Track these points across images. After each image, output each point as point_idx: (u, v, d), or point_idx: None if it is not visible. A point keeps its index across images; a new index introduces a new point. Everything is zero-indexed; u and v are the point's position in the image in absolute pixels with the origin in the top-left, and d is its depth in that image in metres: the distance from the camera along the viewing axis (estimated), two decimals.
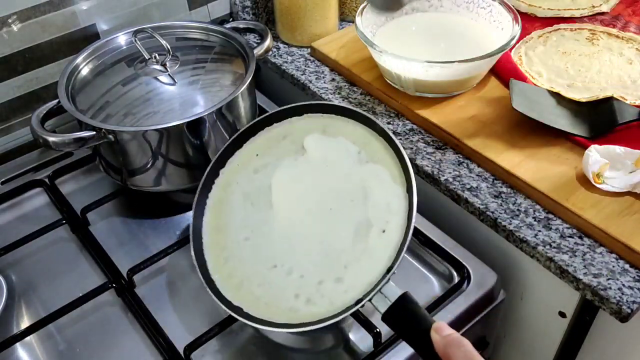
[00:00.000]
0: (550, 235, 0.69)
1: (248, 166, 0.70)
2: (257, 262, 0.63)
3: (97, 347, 0.66)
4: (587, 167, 0.71)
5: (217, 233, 0.65)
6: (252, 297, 0.61)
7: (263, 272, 0.62)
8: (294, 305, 0.60)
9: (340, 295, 0.59)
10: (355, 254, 0.61)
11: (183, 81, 0.80)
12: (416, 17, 0.96)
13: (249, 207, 0.67)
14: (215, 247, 0.64)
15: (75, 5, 0.88)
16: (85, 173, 0.88)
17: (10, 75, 0.87)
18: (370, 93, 0.92)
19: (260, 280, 0.62)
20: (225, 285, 0.61)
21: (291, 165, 0.69)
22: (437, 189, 0.79)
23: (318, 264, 0.62)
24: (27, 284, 0.73)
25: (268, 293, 0.61)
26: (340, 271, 0.61)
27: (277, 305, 0.60)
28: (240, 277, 0.62)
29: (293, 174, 0.69)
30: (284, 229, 0.65)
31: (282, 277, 0.62)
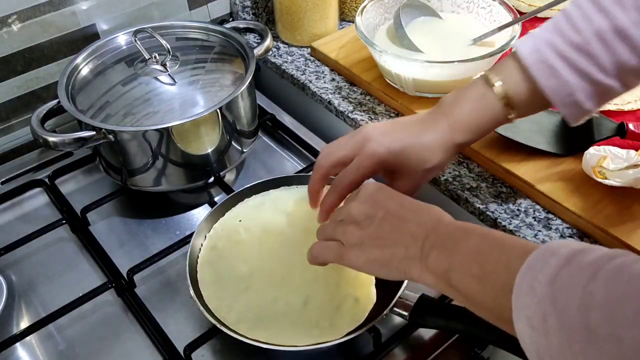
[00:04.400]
0: (550, 235, 0.69)
1: (232, 230, 0.71)
2: (263, 303, 0.63)
3: (97, 347, 0.66)
4: (587, 165, 0.71)
5: (214, 286, 0.65)
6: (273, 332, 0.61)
7: (274, 310, 0.63)
8: (317, 329, 0.61)
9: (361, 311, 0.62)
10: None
11: (183, 81, 0.80)
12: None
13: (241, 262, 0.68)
14: (216, 299, 0.64)
15: (75, 5, 0.88)
16: (85, 173, 0.88)
17: (10, 75, 0.87)
18: (370, 93, 0.92)
19: (273, 317, 0.62)
20: (240, 328, 0.61)
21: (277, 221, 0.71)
22: (437, 189, 0.79)
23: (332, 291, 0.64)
24: (27, 284, 0.73)
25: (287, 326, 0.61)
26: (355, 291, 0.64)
27: (301, 332, 0.61)
28: (252, 319, 0.62)
29: (280, 227, 0.71)
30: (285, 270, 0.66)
31: (297, 310, 0.63)
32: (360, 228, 0.53)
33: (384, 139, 0.58)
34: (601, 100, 0.57)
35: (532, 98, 0.57)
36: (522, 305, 0.39)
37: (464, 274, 0.46)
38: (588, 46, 0.54)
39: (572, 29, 0.55)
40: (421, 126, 0.60)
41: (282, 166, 0.89)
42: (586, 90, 0.55)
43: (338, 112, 0.91)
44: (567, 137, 0.77)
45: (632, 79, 0.56)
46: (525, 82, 0.56)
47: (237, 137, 0.81)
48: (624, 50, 0.54)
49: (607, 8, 0.54)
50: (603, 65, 0.54)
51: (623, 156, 0.70)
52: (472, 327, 0.58)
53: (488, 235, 0.47)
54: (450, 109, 0.59)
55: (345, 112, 0.89)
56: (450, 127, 0.59)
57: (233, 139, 0.81)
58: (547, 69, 0.55)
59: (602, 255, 0.37)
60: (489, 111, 0.58)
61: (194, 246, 0.69)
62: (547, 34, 0.56)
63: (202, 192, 0.85)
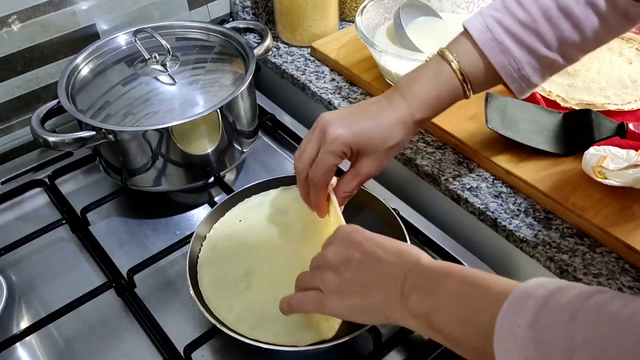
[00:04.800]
0: (550, 235, 0.69)
1: (232, 230, 0.72)
2: (263, 303, 0.63)
3: (97, 347, 0.66)
4: (587, 165, 0.71)
5: (214, 286, 0.65)
6: (273, 331, 0.61)
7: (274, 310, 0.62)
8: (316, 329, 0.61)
9: None
10: None
11: (183, 81, 0.80)
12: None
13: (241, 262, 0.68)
14: (216, 299, 0.64)
15: (75, 5, 0.88)
16: (85, 173, 0.88)
17: (10, 75, 0.87)
18: (370, 93, 0.92)
19: (273, 317, 0.62)
20: (240, 328, 0.61)
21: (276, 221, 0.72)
22: (437, 189, 0.79)
23: None
24: (27, 284, 0.73)
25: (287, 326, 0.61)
26: None
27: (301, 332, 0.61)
28: (252, 319, 0.62)
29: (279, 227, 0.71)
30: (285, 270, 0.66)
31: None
32: (337, 274, 0.52)
33: (344, 122, 0.60)
34: (545, 73, 0.61)
35: (484, 73, 0.60)
36: (504, 350, 0.38)
37: (446, 316, 0.45)
38: (535, 24, 0.58)
39: (520, 7, 0.58)
40: (379, 107, 0.61)
41: (282, 166, 0.89)
42: (532, 64, 0.59)
43: None
44: (567, 137, 0.77)
45: (573, 52, 0.60)
46: (479, 58, 0.60)
47: (237, 137, 0.81)
48: (567, 27, 0.58)
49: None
50: (548, 42, 0.58)
51: (623, 156, 0.70)
52: None
53: (468, 275, 0.46)
54: (407, 88, 0.61)
55: None
56: (408, 104, 0.60)
57: (233, 139, 0.81)
58: (497, 46, 0.58)
59: (578, 294, 0.37)
60: (446, 87, 0.60)
61: (194, 246, 0.69)
62: (495, 13, 0.59)
63: (202, 192, 0.85)
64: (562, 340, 0.35)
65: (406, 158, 0.81)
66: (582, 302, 0.36)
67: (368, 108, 0.62)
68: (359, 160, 0.62)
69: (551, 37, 0.58)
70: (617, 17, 0.58)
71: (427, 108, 0.61)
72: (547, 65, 0.60)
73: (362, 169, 0.62)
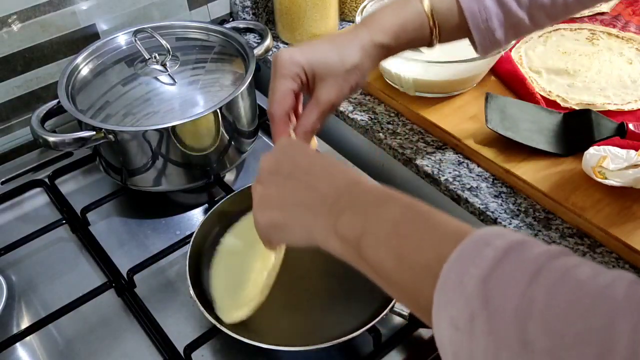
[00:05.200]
0: (550, 235, 0.69)
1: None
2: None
3: (97, 347, 0.66)
4: (587, 165, 0.71)
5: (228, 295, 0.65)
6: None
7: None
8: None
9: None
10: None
11: (183, 81, 0.80)
12: None
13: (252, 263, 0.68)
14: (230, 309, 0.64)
15: (75, 5, 0.88)
16: (85, 173, 0.88)
17: (10, 75, 0.87)
18: (370, 93, 0.92)
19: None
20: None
21: None
22: (437, 189, 0.79)
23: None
24: (27, 284, 0.73)
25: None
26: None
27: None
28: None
29: None
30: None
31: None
32: (263, 186, 0.49)
33: (298, 48, 0.58)
34: (510, 32, 0.61)
35: (452, 17, 0.60)
36: (446, 301, 0.34)
37: (380, 245, 0.40)
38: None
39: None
40: (338, 34, 0.61)
41: None
42: (499, 18, 0.59)
43: (338, 112, 0.90)
44: (567, 137, 0.77)
45: (541, 16, 0.60)
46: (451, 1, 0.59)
47: (237, 137, 0.81)
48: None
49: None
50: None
51: (623, 156, 0.70)
52: None
53: (415, 205, 0.41)
54: (370, 16, 0.61)
55: (345, 112, 0.89)
56: (368, 29, 0.59)
57: (233, 139, 0.81)
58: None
59: (543, 252, 0.33)
60: (412, 19, 0.59)
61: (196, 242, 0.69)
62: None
63: (202, 192, 0.85)
64: (517, 301, 0.30)
65: (406, 158, 0.81)
66: (547, 261, 0.32)
67: (327, 37, 0.61)
68: (317, 87, 0.58)
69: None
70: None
71: (387, 33, 0.59)
72: (514, 24, 0.60)
73: (322, 96, 0.58)
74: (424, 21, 0.59)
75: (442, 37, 0.61)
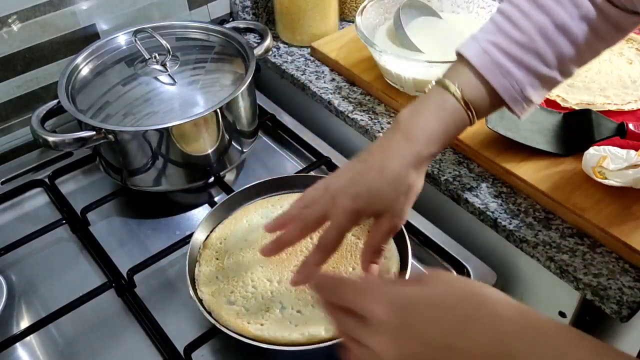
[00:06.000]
0: (550, 235, 0.69)
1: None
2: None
3: (97, 347, 0.66)
4: (587, 165, 0.71)
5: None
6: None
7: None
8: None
9: None
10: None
11: (183, 81, 0.80)
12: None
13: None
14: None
15: (75, 5, 0.88)
16: (85, 173, 0.88)
17: (10, 75, 0.87)
18: (370, 93, 0.92)
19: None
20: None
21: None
22: (437, 189, 0.79)
23: None
24: (27, 284, 0.73)
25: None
26: None
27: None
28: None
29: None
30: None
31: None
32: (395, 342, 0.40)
33: (350, 188, 0.56)
34: (544, 91, 0.60)
35: (488, 99, 0.58)
36: None
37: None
38: (533, 43, 0.56)
39: (515, 28, 0.57)
40: (382, 156, 0.57)
41: (282, 166, 0.89)
42: (533, 84, 0.58)
43: (338, 112, 0.91)
44: (567, 137, 0.77)
45: (571, 67, 0.59)
46: (480, 84, 0.57)
47: (237, 137, 0.81)
48: (564, 43, 0.57)
49: (546, 5, 0.56)
50: (547, 60, 0.57)
51: (623, 156, 0.70)
52: None
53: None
54: (410, 124, 0.57)
55: (345, 112, 0.89)
56: (413, 143, 0.56)
57: (233, 139, 0.81)
58: (497, 69, 0.57)
59: None
60: (452, 118, 0.57)
61: (195, 244, 0.69)
62: (490, 36, 0.57)
63: (202, 192, 0.85)
64: None
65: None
66: None
67: (372, 159, 0.57)
68: (379, 218, 0.58)
69: (550, 55, 0.57)
70: (609, 29, 0.58)
71: (434, 143, 0.57)
72: (547, 83, 0.59)
73: (383, 225, 0.57)
74: (463, 115, 0.57)
75: (479, 116, 0.59)
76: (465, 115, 0.57)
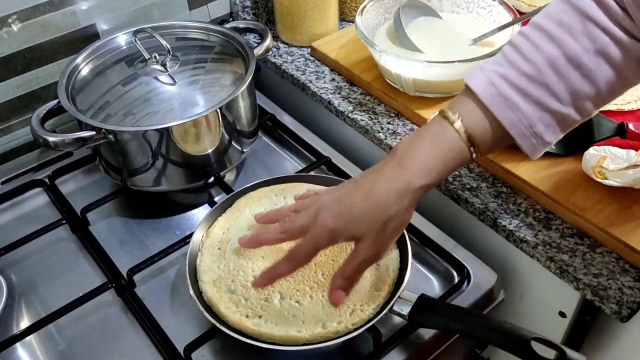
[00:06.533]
0: (550, 235, 0.69)
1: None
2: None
3: (97, 347, 0.66)
4: (587, 165, 0.71)
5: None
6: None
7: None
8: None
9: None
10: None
11: (183, 81, 0.80)
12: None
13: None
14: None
15: (75, 5, 0.88)
16: (85, 173, 0.88)
17: (10, 75, 0.87)
18: (370, 93, 0.92)
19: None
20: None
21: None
22: (437, 189, 0.79)
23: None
24: (27, 284, 0.73)
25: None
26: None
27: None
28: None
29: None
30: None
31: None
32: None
33: (334, 207, 0.56)
34: (561, 130, 0.56)
35: (492, 133, 0.55)
36: None
37: None
38: (542, 76, 0.53)
39: (523, 59, 0.54)
40: (373, 179, 0.56)
41: (282, 166, 0.89)
42: (544, 120, 0.54)
43: (338, 112, 0.91)
44: (567, 137, 0.76)
45: (588, 106, 0.55)
46: (484, 117, 0.55)
47: (237, 137, 0.81)
48: (577, 78, 0.53)
49: (557, 37, 0.53)
50: (558, 94, 0.53)
51: (623, 156, 0.70)
52: (471, 327, 0.58)
53: None
54: (406, 152, 0.56)
55: (345, 112, 0.89)
56: (405, 172, 0.55)
57: (233, 139, 0.81)
58: (504, 102, 0.54)
59: None
60: (449, 149, 0.55)
61: (195, 244, 0.69)
62: (498, 67, 0.55)
63: (202, 192, 0.85)
64: None
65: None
66: None
67: (362, 182, 0.57)
68: (357, 241, 0.57)
69: (561, 89, 0.53)
70: (632, 65, 0.54)
71: (428, 174, 0.55)
72: (561, 121, 0.55)
73: (360, 252, 0.56)
74: (462, 147, 0.55)
75: (483, 151, 0.57)
76: (464, 148, 0.55)
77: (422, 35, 0.90)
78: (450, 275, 0.71)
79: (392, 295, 0.62)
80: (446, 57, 0.81)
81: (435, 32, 0.93)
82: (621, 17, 0.52)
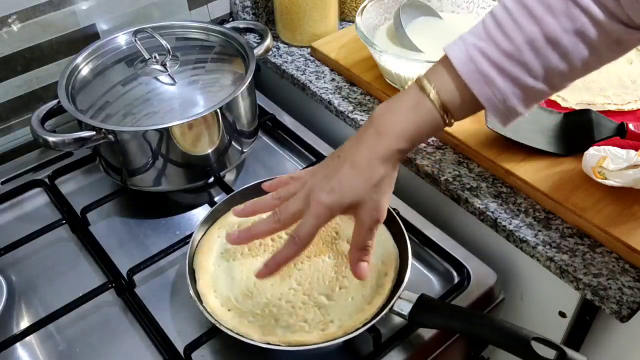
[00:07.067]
0: (550, 235, 0.69)
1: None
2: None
3: (97, 347, 0.66)
4: (587, 165, 0.71)
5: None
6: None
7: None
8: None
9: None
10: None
11: (183, 81, 0.80)
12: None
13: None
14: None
15: (75, 5, 0.88)
16: (85, 173, 0.88)
17: (10, 75, 0.87)
18: (370, 93, 0.92)
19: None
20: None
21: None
22: (437, 189, 0.79)
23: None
24: (27, 284, 0.73)
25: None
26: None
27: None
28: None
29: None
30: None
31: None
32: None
33: (325, 185, 0.58)
34: (531, 102, 0.58)
35: (466, 104, 0.57)
36: None
37: None
38: (520, 55, 0.54)
39: (504, 36, 0.55)
40: (355, 149, 0.59)
41: (282, 166, 0.89)
42: (517, 95, 0.56)
43: (338, 112, 0.91)
44: (567, 137, 0.77)
45: (559, 81, 0.57)
46: (461, 90, 0.56)
47: (237, 137, 0.81)
48: (554, 57, 0.54)
49: (538, 15, 0.54)
50: (534, 72, 0.55)
51: (623, 156, 0.70)
52: (471, 327, 0.58)
53: None
54: (382, 120, 0.58)
55: (345, 112, 0.89)
56: (383, 137, 0.58)
57: (233, 139, 0.81)
58: (481, 78, 0.55)
59: None
60: (424, 119, 0.57)
61: (195, 244, 0.69)
62: (480, 42, 0.56)
63: (202, 192, 0.85)
64: None
65: (406, 158, 0.81)
66: None
67: (345, 155, 0.59)
68: (355, 211, 0.59)
69: (537, 67, 0.55)
70: (610, 45, 0.55)
71: (403, 139, 0.58)
72: (532, 94, 0.57)
73: (362, 221, 0.59)
74: (437, 117, 0.57)
75: (457, 118, 0.59)
76: (439, 117, 0.57)
77: (422, 35, 0.90)
78: (450, 275, 0.71)
79: (392, 295, 0.62)
80: None
81: (435, 32, 0.93)
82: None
